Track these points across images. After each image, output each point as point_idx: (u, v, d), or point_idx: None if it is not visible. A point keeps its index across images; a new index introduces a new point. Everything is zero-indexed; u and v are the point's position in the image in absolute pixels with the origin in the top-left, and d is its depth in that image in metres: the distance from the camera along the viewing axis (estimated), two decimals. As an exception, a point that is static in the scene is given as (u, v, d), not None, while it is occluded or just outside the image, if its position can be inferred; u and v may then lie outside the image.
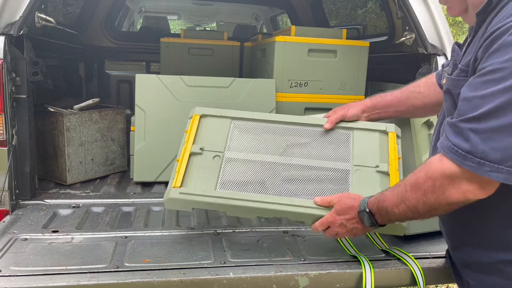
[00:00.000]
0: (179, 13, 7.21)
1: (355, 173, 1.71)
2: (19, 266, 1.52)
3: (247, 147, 1.80)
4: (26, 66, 2.09)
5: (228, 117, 1.89)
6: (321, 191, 1.66)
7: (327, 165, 1.75)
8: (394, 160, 1.73)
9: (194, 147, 1.76)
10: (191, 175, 1.69)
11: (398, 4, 2.45)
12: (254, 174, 1.72)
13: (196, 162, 1.73)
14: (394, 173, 1.69)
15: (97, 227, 1.93)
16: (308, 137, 1.84)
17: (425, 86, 1.78)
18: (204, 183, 1.67)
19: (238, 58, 3.66)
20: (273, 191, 1.67)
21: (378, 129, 1.83)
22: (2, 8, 2.01)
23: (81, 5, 4.00)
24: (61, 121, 2.46)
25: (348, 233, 1.54)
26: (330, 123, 1.83)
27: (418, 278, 1.61)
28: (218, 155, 1.76)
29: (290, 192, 1.67)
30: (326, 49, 2.74)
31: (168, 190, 1.67)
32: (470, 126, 1.11)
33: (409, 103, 1.81)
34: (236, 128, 1.86)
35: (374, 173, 1.70)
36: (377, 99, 1.87)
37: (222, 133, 1.83)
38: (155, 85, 2.52)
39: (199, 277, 1.52)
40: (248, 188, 1.67)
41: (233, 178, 1.70)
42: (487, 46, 1.11)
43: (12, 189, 2.07)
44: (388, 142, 1.80)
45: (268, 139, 1.83)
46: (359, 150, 1.77)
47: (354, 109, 1.85)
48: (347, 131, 1.83)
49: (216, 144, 1.79)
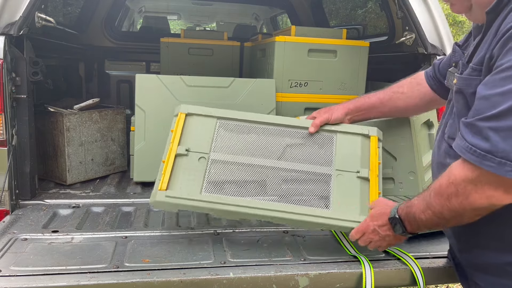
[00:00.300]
0: (179, 13, 7.20)
1: (337, 178, 1.76)
2: (19, 266, 1.52)
3: (232, 149, 1.81)
4: (26, 66, 2.09)
5: (214, 117, 1.87)
6: (302, 194, 1.73)
7: (311, 169, 1.79)
8: (375, 165, 1.77)
9: (179, 148, 1.77)
10: (177, 177, 1.72)
11: (398, 4, 2.45)
12: (238, 176, 1.76)
13: (182, 164, 1.75)
14: (374, 179, 1.74)
15: (97, 227, 1.93)
16: (293, 139, 1.86)
17: (408, 87, 1.80)
18: (189, 186, 1.70)
19: (238, 58, 3.66)
20: (256, 194, 1.72)
21: (360, 132, 1.86)
22: (2, 8, 2.01)
23: (81, 5, 4.00)
24: (61, 121, 2.46)
25: (381, 241, 1.54)
26: (315, 127, 1.86)
27: (418, 278, 1.61)
28: (204, 157, 1.77)
29: (273, 196, 1.72)
30: (326, 49, 2.74)
31: (154, 192, 1.71)
32: (489, 125, 1.07)
33: (392, 104, 1.83)
34: (222, 127, 1.86)
35: (354, 179, 1.75)
36: (360, 101, 1.90)
37: (208, 133, 1.83)
38: (155, 85, 2.52)
39: (199, 277, 1.52)
40: (232, 191, 1.72)
41: (218, 181, 1.73)
42: (504, 43, 1.09)
43: (12, 189, 2.07)
44: (369, 146, 1.84)
45: (253, 140, 1.84)
46: (341, 154, 1.81)
47: (338, 113, 1.88)
48: (330, 134, 1.87)
49: (202, 145, 1.79)
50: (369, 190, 1.73)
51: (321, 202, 1.72)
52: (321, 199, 1.73)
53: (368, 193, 1.72)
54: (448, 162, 1.29)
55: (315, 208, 1.68)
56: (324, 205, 1.71)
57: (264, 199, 1.71)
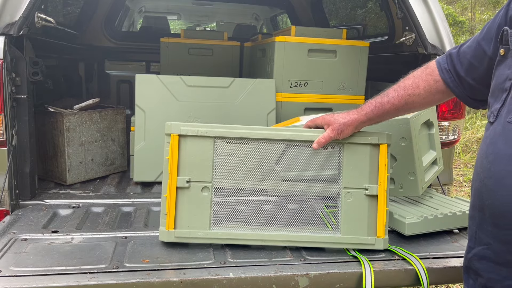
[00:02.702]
0: (179, 13, 7.20)
1: (345, 196, 1.75)
2: (19, 267, 1.52)
3: (234, 173, 1.76)
4: (26, 66, 2.09)
5: (211, 137, 1.72)
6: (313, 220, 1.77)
7: (318, 188, 1.79)
8: (383, 180, 1.75)
9: (180, 181, 1.70)
10: (182, 213, 1.71)
11: (398, 4, 2.45)
12: (245, 208, 1.79)
13: (185, 198, 1.71)
14: (382, 195, 1.74)
15: (97, 227, 1.93)
16: (297, 157, 1.79)
17: (425, 87, 1.58)
18: (197, 222, 1.72)
19: (238, 58, 3.66)
20: (265, 222, 1.76)
21: (369, 142, 1.75)
22: (2, 8, 2.01)
23: (81, 5, 4.00)
24: (61, 121, 2.46)
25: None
26: (318, 145, 1.71)
27: (422, 278, 1.60)
28: (207, 186, 1.72)
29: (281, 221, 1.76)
30: (326, 49, 2.74)
31: (161, 231, 1.73)
32: None
33: (407, 108, 1.65)
34: (220, 150, 1.74)
35: (362, 197, 1.75)
36: (373, 111, 1.66)
37: (206, 158, 1.72)
38: (155, 85, 2.52)
39: (199, 277, 1.51)
40: (241, 222, 1.77)
41: (225, 215, 1.77)
42: None
43: (12, 189, 2.07)
44: (378, 156, 1.75)
45: (254, 161, 1.77)
46: (349, 169, 1.76)
47: (348, 130, 1.71)
48: (337, 146, 1.76)
49: (202, 172, 1.71)
50: (377, 207, 1.74)
51: (332, 226, 1.78)
52: (331, 221, 1.78)
53: (376, 210, 1.75)
54: None
55: (325, 235, 1.75)
56: (335, 228, 1.77)
57: (273, 228, 1.76)
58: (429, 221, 1.90)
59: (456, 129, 2.52)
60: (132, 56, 4.59)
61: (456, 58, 1.50)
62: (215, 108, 2.57)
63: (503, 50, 1.24)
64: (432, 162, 2.23)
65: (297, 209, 1.80)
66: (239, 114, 2.58)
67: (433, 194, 2.26)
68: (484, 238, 1.22)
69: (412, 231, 1.87)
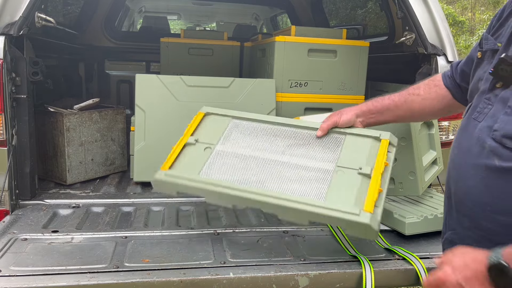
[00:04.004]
0: (179, 13, 7.20)
1: (337, 173, 1.67)
2: (19, 266, 1.52)
3: (238, 143, 1.86)
4: (26, 66, 2.09)
5: (229, 116, 1.98)
6: (299, 187, 1.64)
7: (312, 164, 1.73)
8: (380, 164, 1.67)
9: (190, 139, 1.88)
10: (181, 161, 1.81)
11: (398, 4, 2.45)
12: (238, 166, 1.76)
13: (188, 152, 1.85)
14: (376, 176, 1.62)
15: (97, 227, 1.93)
16: (301, 140, 1.83)
17: (425, 88, 1.66)
18: (189, 169, 1.76)
19: (238, 58, 3.66)
20: (253, 183, 1.68)
21: (371, 135, 1.77)
22: (2, 8, 2.02)
23: (81, 5, 4.00)
24: (61, 121, 2.46)
25: None
26: (322, 131, 1.78)
27: (422, 278, 1.61)
28: (210, 147, 1.85)
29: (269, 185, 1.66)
30: (326, 49, 2.74)
31: (156, 172, 1.76)
32: None
33: (406, 106, 1.70)
34: (234, 126, 1.94)
35: (355, 174, 1.65)
36: (373, 103, 1.77)
37: (219, 129, 1.93)
38: (155, 85, 2.52)
39: (199, 277, 1.52)
40: (229, 177, 1.71)
41: (218, 167, 1.76)
42: None
43: (12, 189, 2.07)
44: (379, 148, 1.74)
45: (260, 138, 1.87)
46: (347, 153, 1.74)
47: (347, 115, 1.78)
48: (339, 136, 1.80)
49: (211, 137, 1.89)
50: (369, 186, 1.62)
51: (317, 193, 1.63)
52: (317, 190, 1.64)
53: (367, 188, 1.61)
54: (498, 164, 1.14)
55: (309, 197, 1.60)
56: (320, 196, 1.61)
57: (259, 185, 1.67)
58: (429, 220, 1.90)
59: (456, 129, 2.53)
60: (132, 56, 4.59)
61: (455, 66, 1.61)
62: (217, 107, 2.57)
63: (480, 53, 1.34)
64: (432, 162, 2.23)
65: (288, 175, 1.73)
66: (239, 114, 2.58)
67: (433, 194, 2.26)
68: (452, 223, 1.32)
69: (412, 231, 1.88)
